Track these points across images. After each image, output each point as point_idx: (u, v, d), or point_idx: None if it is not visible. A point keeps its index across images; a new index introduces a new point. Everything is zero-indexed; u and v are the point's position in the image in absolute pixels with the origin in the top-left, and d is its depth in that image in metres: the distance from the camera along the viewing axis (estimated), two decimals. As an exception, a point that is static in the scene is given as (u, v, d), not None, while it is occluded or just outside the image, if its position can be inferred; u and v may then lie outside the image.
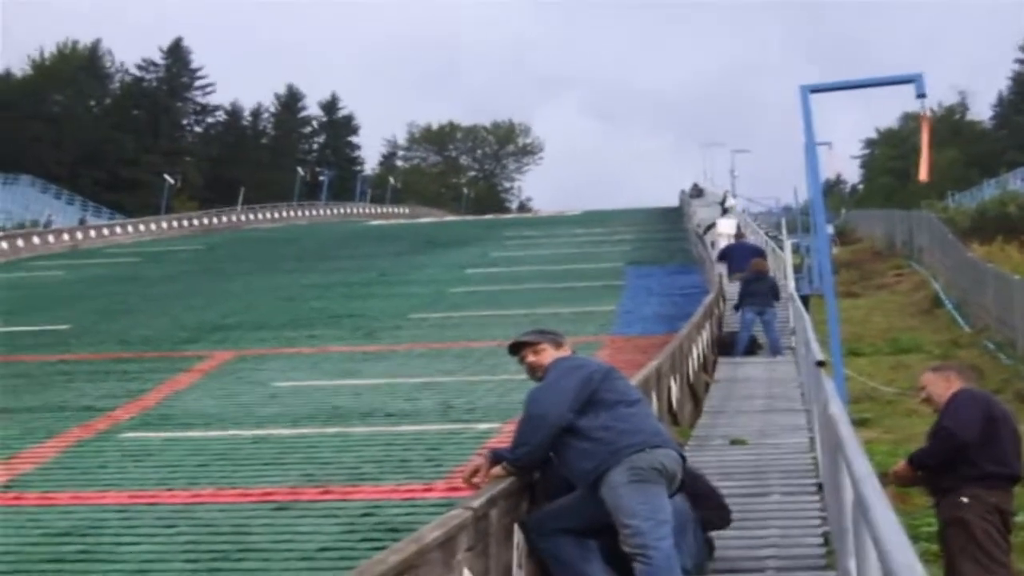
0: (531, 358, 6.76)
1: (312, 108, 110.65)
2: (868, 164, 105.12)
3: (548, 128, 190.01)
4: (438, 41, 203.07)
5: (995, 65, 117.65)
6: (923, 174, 15.22)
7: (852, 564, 5.41)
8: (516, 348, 6.90)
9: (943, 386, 7.80)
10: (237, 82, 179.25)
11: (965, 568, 7.38)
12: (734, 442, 12.52)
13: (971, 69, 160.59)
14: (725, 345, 21.22)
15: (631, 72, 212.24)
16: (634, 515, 6.13)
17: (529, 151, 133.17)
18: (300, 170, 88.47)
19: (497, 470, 6.40)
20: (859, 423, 15.35)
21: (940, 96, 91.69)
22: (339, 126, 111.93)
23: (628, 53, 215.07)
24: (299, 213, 69.63)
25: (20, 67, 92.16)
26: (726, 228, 35.88)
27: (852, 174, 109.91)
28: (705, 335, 18.84)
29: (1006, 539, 7.55)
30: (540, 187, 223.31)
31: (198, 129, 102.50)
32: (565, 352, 6.79)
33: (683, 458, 6.59)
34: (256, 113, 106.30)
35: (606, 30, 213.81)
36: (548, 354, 6.72)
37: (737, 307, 21.99)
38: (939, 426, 7.63)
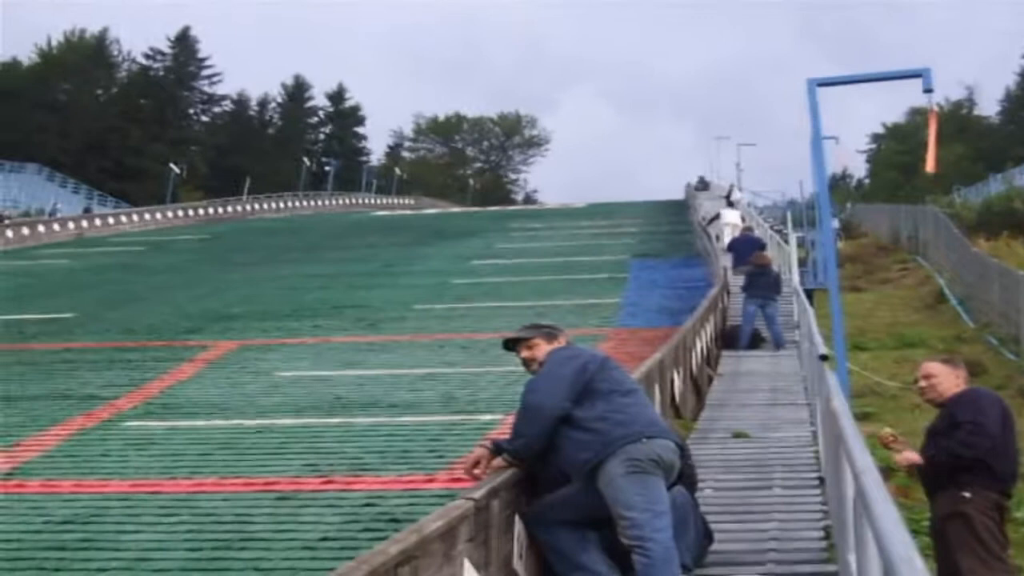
0: (525, 353, 6.80)
1: (319, 98, 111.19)
2: (874, 159, 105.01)
3: (562, 120, 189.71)
4: (450, 32, 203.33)
5: (1005, 59, 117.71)
6: (929, 165, 15.24)
7: (852, 558, 5.42)
8: (511, 344, 6.92)
9: (953, 381, 7.72)
10: (244, 72, 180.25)
11: (965, 562, 7.33)
12: (736, 435, 12.53)
13: (982, 64, 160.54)
14: (729, 338, 21.25)
15: (650, 64, 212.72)
16: (632, 507, 6.13)
17: (535, 143, 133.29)
18: (306, 160, 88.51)
19: (498, 461, 6.41)
20: (861, 417, 15.33)
21: (948, 91, 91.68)
22: (345, 116, 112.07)
23: (647, 45, 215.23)
24: (304, 203, 69.67)
25: (27, 55, 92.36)
26: (732, 219, 35.88)
27: (858, 168, 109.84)
28: (709, 328, 18.84)
29: (1004, 534, 7.54)
30: (550, 179, 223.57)
31: (204, 119, 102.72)
32: (560, 344, 6.80)
33: (681, 448, 6.58)
34: (263, 103, 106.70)
35: (625, 21, 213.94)
36: (542, 348, 6.75)
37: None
38: (969, 421, 7.46)
